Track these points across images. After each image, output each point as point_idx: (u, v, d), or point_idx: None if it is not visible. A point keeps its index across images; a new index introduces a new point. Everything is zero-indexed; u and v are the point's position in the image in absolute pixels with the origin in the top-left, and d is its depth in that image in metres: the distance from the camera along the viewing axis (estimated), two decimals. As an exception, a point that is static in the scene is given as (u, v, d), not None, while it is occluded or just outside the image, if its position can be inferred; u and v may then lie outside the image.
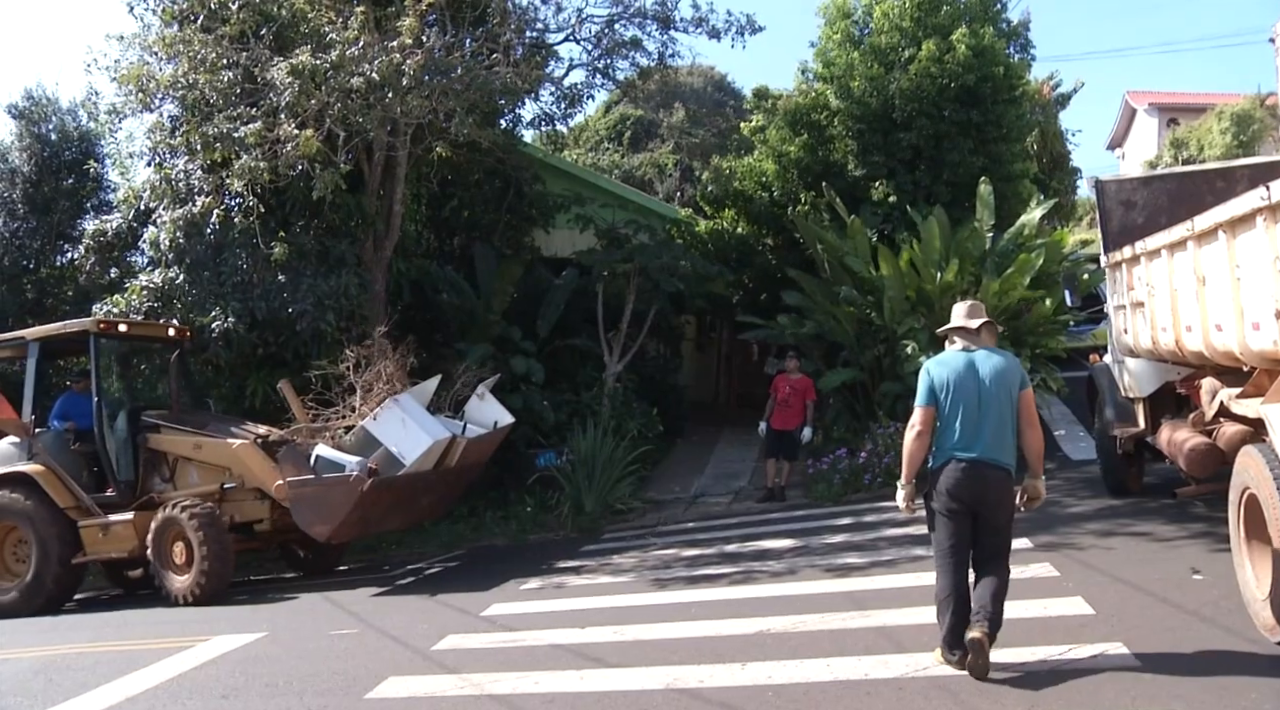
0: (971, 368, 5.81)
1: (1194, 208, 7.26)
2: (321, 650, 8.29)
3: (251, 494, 11.50)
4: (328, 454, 10.91)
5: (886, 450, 13.51)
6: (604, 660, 7.07)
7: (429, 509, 12.19)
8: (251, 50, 12.91)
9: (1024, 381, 5.90)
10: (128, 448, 12.01)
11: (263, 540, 12.16)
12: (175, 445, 11.93)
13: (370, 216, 14.71)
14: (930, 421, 5.84)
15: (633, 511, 14.29)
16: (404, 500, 11.33)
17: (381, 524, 11.79)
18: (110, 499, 11.81)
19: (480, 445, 11.92)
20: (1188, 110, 38.76)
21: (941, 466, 5.82)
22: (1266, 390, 6.31)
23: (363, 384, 11.48)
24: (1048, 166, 25.26)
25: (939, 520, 5.88)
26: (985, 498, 5.76)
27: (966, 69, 16.37)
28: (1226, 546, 6.76)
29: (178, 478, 11.96)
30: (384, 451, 10.99)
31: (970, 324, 5.95)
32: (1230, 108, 32.09)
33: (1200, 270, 6.97)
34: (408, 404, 11.22)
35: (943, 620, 5.82)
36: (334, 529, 10.77)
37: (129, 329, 12.53)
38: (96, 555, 11.66)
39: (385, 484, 10.72)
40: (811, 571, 9.33)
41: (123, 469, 11.95)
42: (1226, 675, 5.48)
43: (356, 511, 10.59)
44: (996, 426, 5.74)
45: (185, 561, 10.92)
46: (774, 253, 19.29)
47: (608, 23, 16.42)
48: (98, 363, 12.03)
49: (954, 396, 5.77)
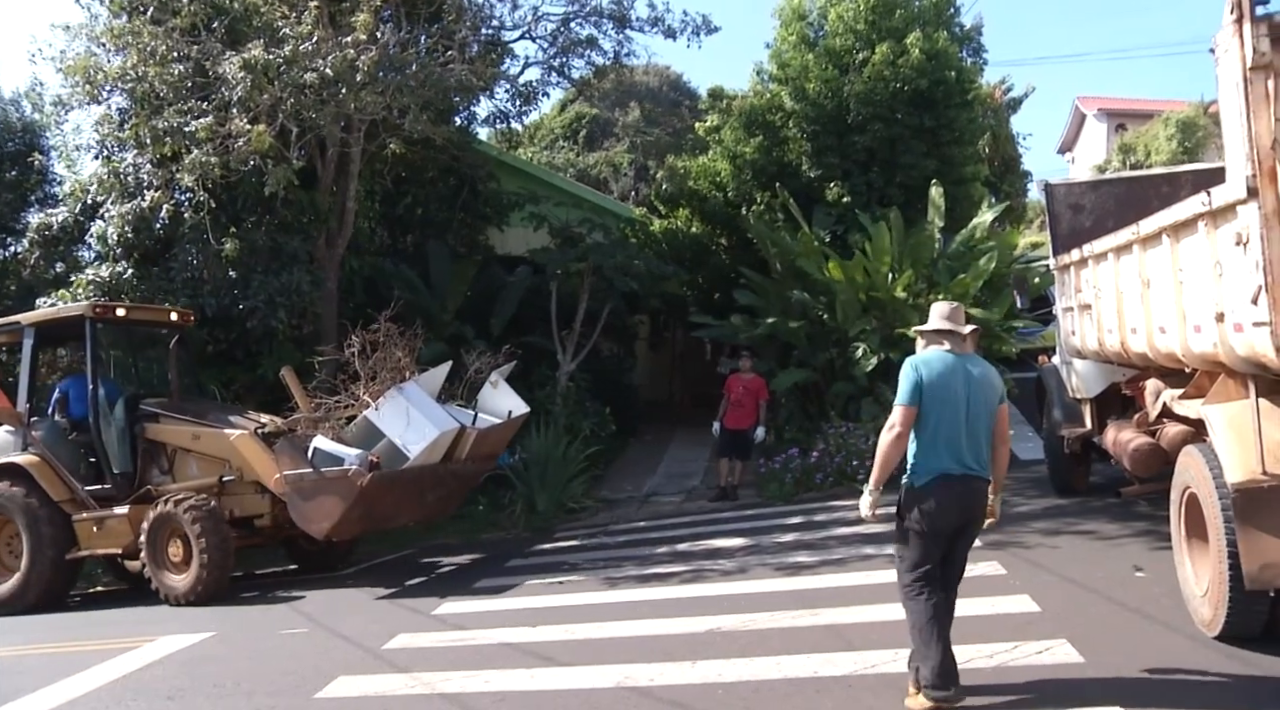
0: (960, 374, 5.36)
1: (1140, 212, 7.37)
2: (271, 650, 8.22)
3: (251, 488, 10.91)
4: (326, 446, 10.23)
5: (838, 450, 13.62)
6: (555, 659, 7.07)
7: (438, 505, 11.40)
8: (203, 44, 12.76)
9: (1003, 395, 5.54)
10: (125, 438, 11.49)
11: (264, 536, 11.50)
12: (174, 435, 11.37)
13: (323, 213, 14.60)
14: (911, 422, 5.30)
15: (585, 511, 14.29)
16: (409, 496, 10.62)
17: (387, 521, 11.15)
18: (107, 492, 11.29)
19: (493, 436, 11.18)
20: (1136, 116, 39.45)
21: (927, 485, 5.28)
22: (1207, 392, 6.43)
23: (367, 371, 10.78)
24: (999, 170, 25.59)
25: (916, 540, 5.33)
26: (972, 512, 5.37)
27: (920, 73, 16.54)
28: (1168, 544, 6.89)
29: (177, 470, 11.40)
30: (387, 443, 10.33)
31: (960, 328, 5.56)
32: (1176, 115, 32.71)
33: (1145, 273, 7.09)
34: (413, 393, 10.53)
35: (927, 654, 5.17)
36: (333, 526, 10.16)
37: (127, 313, 11.83)
38: (91, 551, 11.18)
39: (388, 479, 10.09)
40: (762, 570, 9.38)
41: (119, 460, 11.42)
42: (1166, 670, 5.62)
43: (356, 508, 9.99)
44: (983, 438, 5.35)
45: (183, 559, 10.41)
46: (728, 253, 19.37)
47: (564, 21, 16.43)
48: (94, 349, 11.41)
49: (939, 401, 5.28)
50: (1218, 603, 5.78)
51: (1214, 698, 5.20)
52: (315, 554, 11.98)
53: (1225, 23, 4.97)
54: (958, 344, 5.51)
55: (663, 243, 20.03)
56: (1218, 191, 5.39)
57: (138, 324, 12.64)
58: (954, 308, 5.63)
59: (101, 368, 11.73)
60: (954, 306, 5.62)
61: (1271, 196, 4.84)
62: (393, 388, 10.50)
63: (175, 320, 12.29)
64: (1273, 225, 4.85)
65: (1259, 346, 5.12)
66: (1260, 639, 5.76)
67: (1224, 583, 5.64)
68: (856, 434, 13.74)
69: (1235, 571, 5.48)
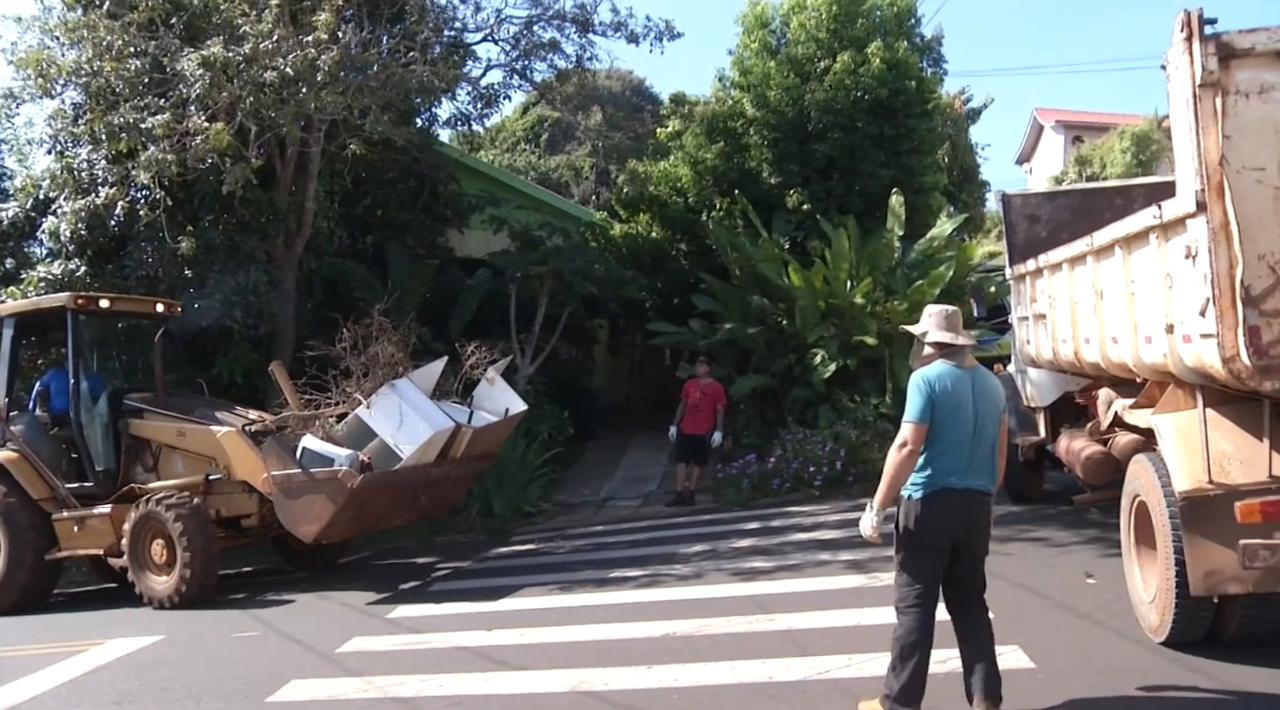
0: (969, 387, 5.16)
1: (1094, 224, 7.47)
2: (222, 653, 8.14)
3: (239, 486, 10.54)
4: (315, 446, 9.83)
5: (795, 456, 13.70)
6: (509, 663, 7.06)
7: (432, 506, 11.03)
8: (160, 39, 12.61)
9: (1004, 406, 5.39)
10: (108, 434, 11.13)
11: (252, 536, 11.18)
12: (158, 432, 11.00)
13: (282, 213, 14.47)
14: (922, 440, 5.06)
15: (542, 514, 14.26)
16: (402, 497, 10.26)
17: (379, 523, 10.82)
18: (89, 490, 10.92)
19: (489, 434, 10.79)
20: (1092, 129, 39.93)
21: (930, 497, 5.10)
22: (1157, 401, 6.54)
23: (359, 367, 10.44)
24: (958, 179, 25.87)
25: (918, 556, 5.16)
26: (977, 526, 5.19)
27: (880, 82, 16.69)
28: (1119, 551, 6.99)
29: (162, 467, 11.01)
30: (379, 443, 9.94)
31: (961, 340, 5.30)
32: (1131, 128, 33.18)
33: (1098, 284, 7.20)
34: (406, 390, 10.15)
35: (901, 668, 5.09)
36: (322, 529, 9.75)
37: (111, 304, 11.36)
38: (72, 551, 10.82)
39: (380, 480, 9.71)
40: (718, 575, 9.41)
41: (102, 457, 11.05)
42: (1115, 675, 5.72)
43: (347, 511, 9.62)
44: (989, 451, 5.20)
45: (166, 561, 10.07)
46: (688, 258, 19.44)
47: (526, 24, 16.39)
48: (75, 341, 10.95)
49: (950, 417, 5.08)
50: (1164, 608, 5.88)
51: (1159, 701, 5.29)
52: (307, 553, 11.58)
53: (1176, 41, 5.06)
54: (963, 356, 5.30)
55: (623, 247, 20.06)
56: (1168, 205, 5.49)
57: (122, 315, 12.31)
58: (954, 314, 5.39)
59: (84, 361, 11.35)
60: (954, 313, 5.39)
61: (1219, 211, 4.93)
62: (385, 385, 10.17)
63: (161, 312, 11.85)
64: (1220, 239, 4.94)
65: (1206, 358, 5.22)
66: (1204, 644, 5.88)
67: (1171, 589, 5.73)
68: (814, 440, 13.83)
69: (1181, 578, 5.57)
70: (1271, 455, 5.39)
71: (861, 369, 14.93)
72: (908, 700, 5.07)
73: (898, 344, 14.81)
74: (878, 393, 14.53)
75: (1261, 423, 5.45)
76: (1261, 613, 5.74)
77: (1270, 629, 5.83)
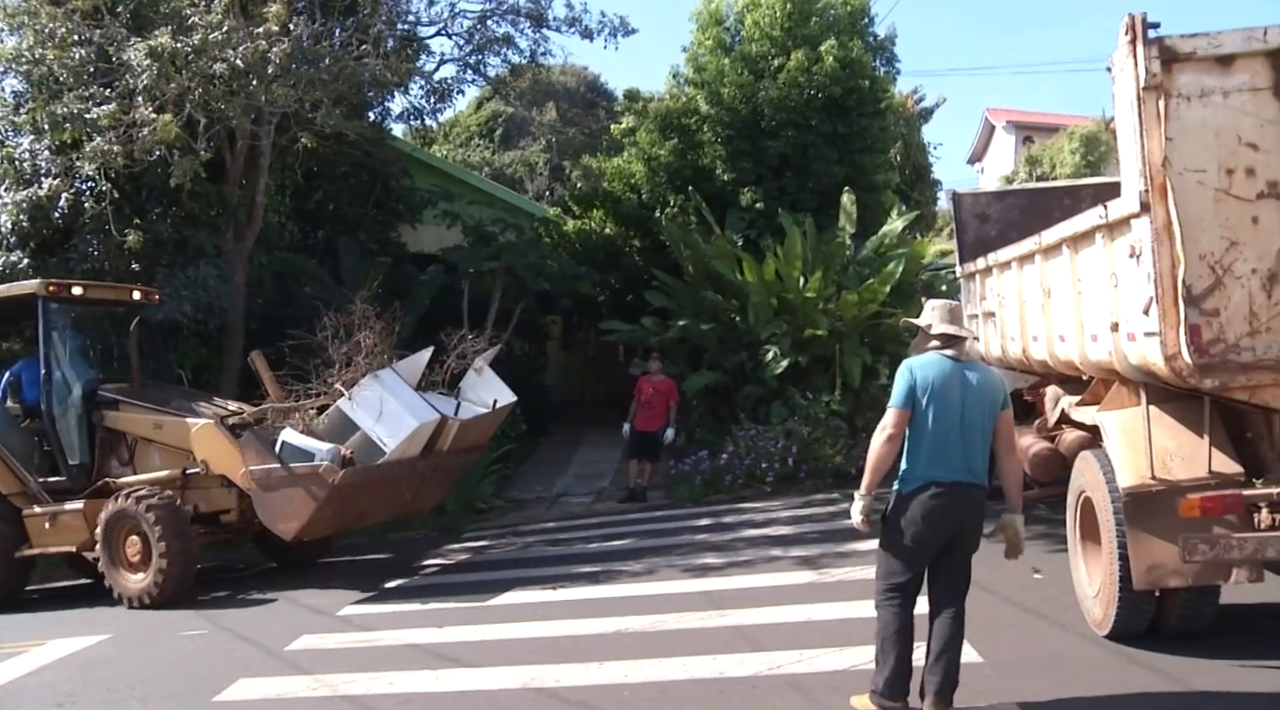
0: (959, 379, 5.08)
1: (1043, 223, 7.56)
2: (168, 652, 8.04)
3: (217, 481, 10.15)
4: (295, 440, 9.45)
5: (747, 453, 13.76)
6: (461, 660, 7.04)
7: (417, 501, 10.67)
8: (106, 28, 12.38)
9: (1005, 400, 5.26)
10: (82, 426, 10.68)
11: (232, 532, 10.74)
12: (135, 424, 10.55)
13: (231, 206, 14.28)
14: (904, 425, 5.05)
15: (494, 510, 14.22)
16: (386, 492, 9.91)
17: (361, 519, 10.48)
18: (62, 484, 10.52)
19: (477, 427, 10.47)
20: (1042, 129, 40.52)
21: (915, 492, 5.05)
22: (1103, 399, 6.65)
23: (342, 357, 9.98)
24: (910, 178, 26.10)
25: (900, 550, 5.12)
26: (965, 522, 5.11)
27: (834, 80, 16.80)
28: (1065, 547, 7.10)
29: (138, 461, 10.57)
30: (362, 436, 9.55)
31: (963, 332, 5.29)
32: (1080, 129, 33.72)
33: (1046, 283, 7.30)
34: (390, 381, 9.76)
35: (884, 662, 5.08)
36: (302, 526, 9.38)
37: (85, 291, 10.89)
38: (43, 548, 10.42)
39: (362, 475, 9.32)
40: (670, 571, 9.43)
41: (76, 450, 10.64)
42: (1061, 668, 5.82)
43: (328, 507, 9.23)
44: (980, 446, 5.10)
45: (141, 559, 9.69)
46: (641, 255, 19.43)
47: (480, 18, 16.30)
48: (47, 330, 10.51)
49: (934, 406, 5.02)
50: (1108, 602, 5.99)
51: (1102, 692, 5.38)
52: (289, 548, 11.10)
53: (1120, 44, 5.15)
54: (959, 349, 5.23)
55: (576, 243, 20.02)
56: (1113, 205, 5.58)
57: (96, 303, 11.76)
58: (953, 309, 5.36)
59: (56, 350, 10.82)
60: (952, 307, 5.36)
61: (1162, 211, 5.02)
62: (368, 375, 9.77)
63: (137, 300, 11.40)
64: (1163, 239, 5.04)
65: (1150, 356, 5.31)
66: (1145, 636, 5.99)
67: (1114, 583, 5.84)
68: (766, 437, 13.90)
69: (1125, 572, 5.68)
70: (1211, 452, 5.50)
71: (813, 366, 15.02)
72: (893, 694, 5.07)
73: (848, 340, 14.93)
74: (829, 389, 14.62)
75: (1202, 420, 5.56)
76: (1200, 606, 5.87)
77: (1207, 621, 5.96)
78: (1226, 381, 5.09)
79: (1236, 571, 5.39)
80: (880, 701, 5.11)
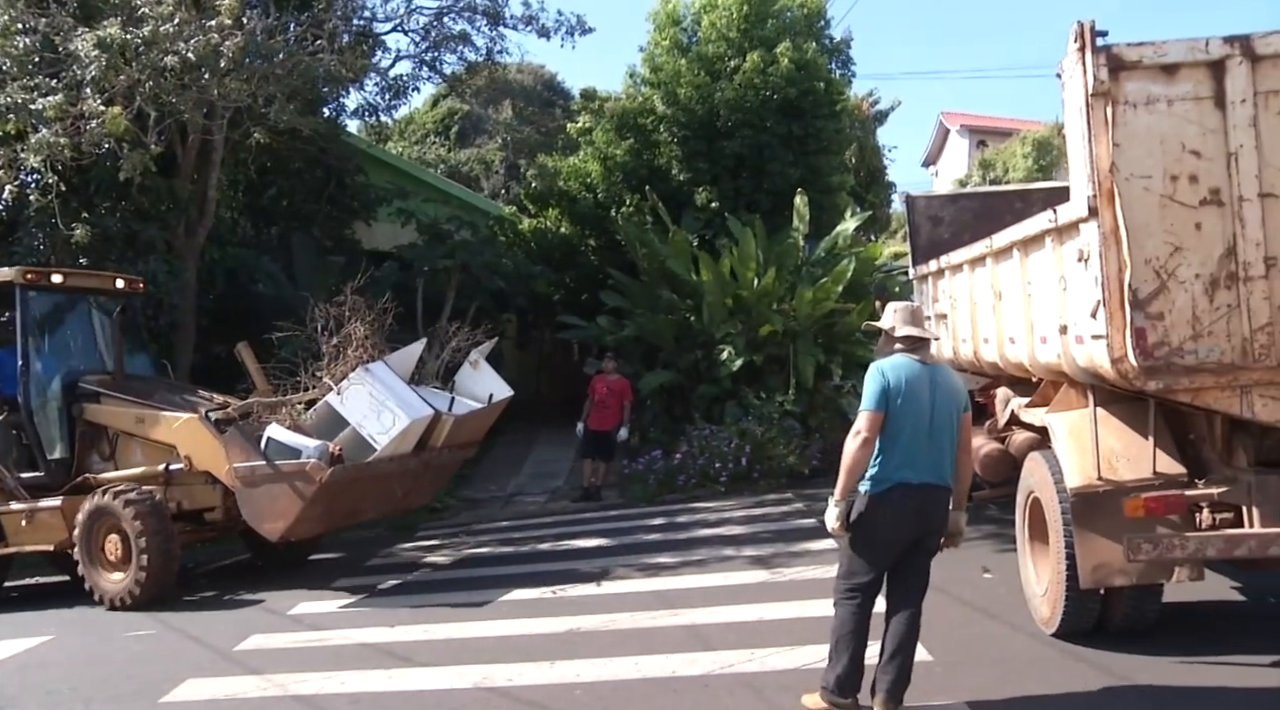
0: (927, 381, 5.09)
1: (995, 226, 7.64)
2: (113, 653, 7.91)
3: (201, 477, 9.80)
4: (281, 436, 9.08)
5: (701, 452, 13.81)
6: (413, 659, 7.00)
7: (409, 499, 10.35)
8: (52, 17, 12.15)
9: (967, 403, 5.32)
10: (62, 420, 10.26)
11: (217, 529, 10.37)
12: (116, 418, 10.15)
13: (183, 201, 14.10)
14: (878, 428, 5.00)
15: (448, 510, 14.16)
16: (376, 490, 9.58)
17: (350, 518, 10.10)
18: (40, 480, 10.15)
19: (472, 422, 10.14)
20: (996, 133, 41.00)
21: (885, 494, 5.02)
22: (1052, 400, 6.74)
23: (330, 350, 9.57)
24: (865, 180, 26.31)
25: (864, 551, 5.12)
26: (931, 523, 5.15)
27: (789, 82, 16.90)
28: (1014, 547, 7.19)
29: (120, 456, 10.18)
30: (351, 432, 9.16)
31: (927, 334, 5.33)
32: (1032, 134, 34.21)
33: (997, 286, 7.38)
34: (381, 374, 9.30)
35: (837, 660, 5.11)
36: (288, 526, 9.04)
37: (65, 279, 10.50)
38: (19, 547, 10.08)
39: (351, 473, 8.94)
40: (623, 571, 9.44)
41: (54, 445, 10.24)
42: (1009, 666, 5.90)
43: (315, 506, 8.89)
44: (948, 448, 5.13)
45: (121, 558, 9.37)
46: (596, 254, 19.44)
47: (437, 15, 16.22)
48: (25, 320, 10.09)
49: (904, 408, 5.01)
50: (1055, 601, 6.08)
51: (1050, 690, 5.46)
52: (277, 546, 10.68)
53: (1069, 51, 5.23)
54: (925, 351, 5.25)
55: (531, 242, 20.00)
56: (1063, 210, 5.66)
57: (77, 292, 11.06)
58: (919, 310, 5.40)
59: (34, 340, 10.36)
60: (914, 309, 5.35)
61: (1110, 216, 5.10)
62: (359, 369, 9.33)
63: (121, 288, 11.01)
64: (1110, 243, 5.11)
65: (1097, 358, 5.39)
66: (1092, 635, 6.08)
67: (1061, 582, 5.93)
68: (720, 437, 13.96)
69: (1072, 572, 5.77)
70: (1156, 453, 5.60)
71: (768, 365, 15.10)
72: (843, 690, 5.08)
73: (802, 339, 15.02)
74: (783, 389, 14.71)
75: (1147, 422, 5.65)
76: (1143, 604, 5.98)
77: (1151, 619, 6.07)
78: (1170, 384, 5.18)
79: (1179, 570, 5.50)
80: (831, 698, 5.13)
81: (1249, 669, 5.61)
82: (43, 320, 10.61)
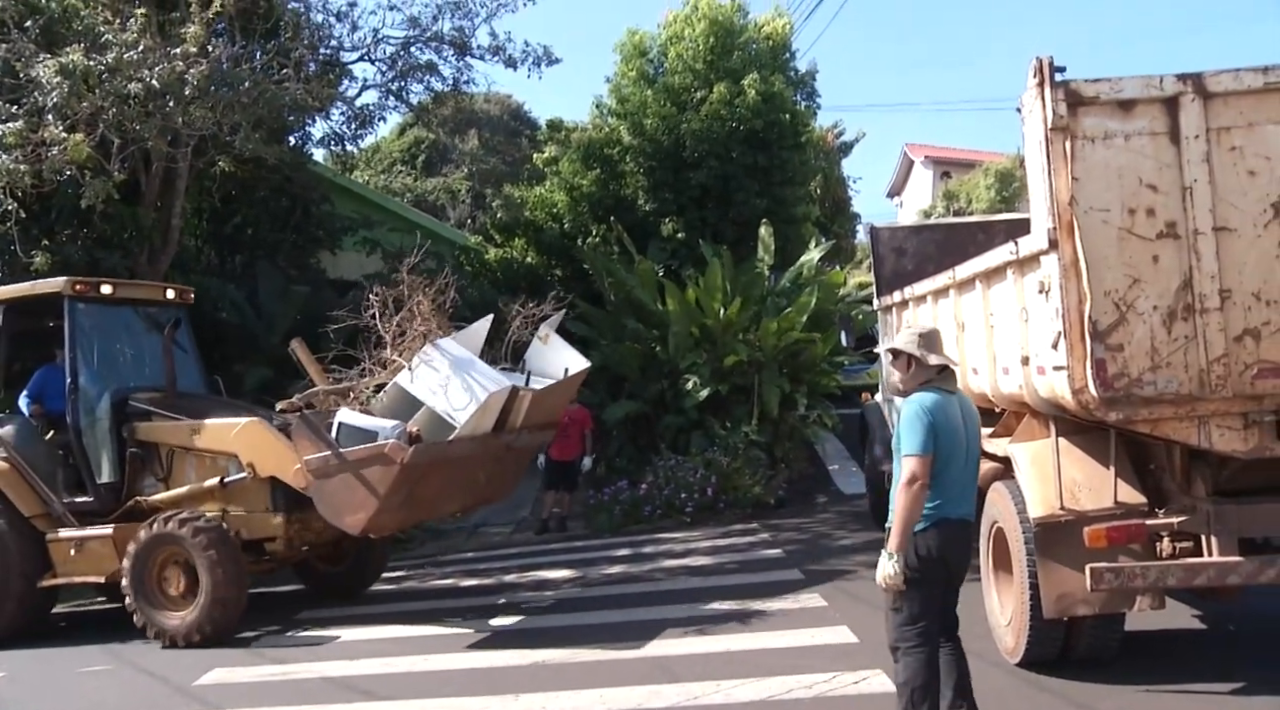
0: (959, 413, 4.92)
1: (958, 257, 7.70)
2: (65, 690, 7.78)
3: (263, 500, 9.13)
4: (353, 421, 8.41)
5: (667, 483, 13.79)
6: (375, 693, 6.93)
7: (491, 487, 9.61)
8: (13, 43, 12.05)
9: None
10: (112, 440, 9.61)
11: (276, 561, 9.74)
12: (169, 434, 9.51)
13: (146, 229, 13.98)
14: (930, 472, 4.72)
15: (412, 541, 14.02)
16: (460, 475, 8.86)
17: (433, 508, 9.49)
18: (89, 506, 9.53)
19: (550, 399, 9.27)
20: (959, 164, 41.45)
21: (935, 528, 4.80)
22: (1014, 431, 6.80)
23: (392, 331, 8.92)
24: (830, 211, 26.51)
25: (923, 591, 4.83)
26: (967, 556, 5.04)
27: (755, 113, 17.03)
28: (978, 577, 7.21)
29: (174, 476, 9.53)
30: (426, 412, 8.48)
31: (953, 362, 5.14)
32: (995, 166, 34.62)
33: (960, 316, 7.44)
34: (452, 349, 8.65)
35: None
36: (371, 518, 8.27)
37: (114, 291, 10.04)
38: (68, 577, 9.42)
39: (433, 452, 8.22)
40: (589, 603, 9.40)
41: (104, 467, 9.61)
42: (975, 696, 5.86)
43: (397, 492, 8.18)
44: (976, 479, 5.06)
45: (183, 591, 8.74)
46: (562, 284, 19.40)
47: (404, 45, 16.21)
48: (73, 333, 9.56)
49: (949, 446, 4.81)
50: (1019, 631, 6.10)
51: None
52: (334, 576, 10.53)
53: (1029, 86, 5.31)
54: (952, 381, 5.06)
55: (498, 271, 19.95)
56: (1024, 241, 5.73)
57: (126, 304, 10.52)
58: (935, 333, 5.15)
59: (83, 355, 9.78)
60: (935, 331, 5.16)
61: (1069, 248, 5.17)
62: (428, 344, 8.66)
63: (172, 299, 10.57)
64: (1070, 275, 5.18)
65: (1058, 389, 5.44)
66: (1055, 664, 6.11)
67: (1025, 612, 5.95)
68: (685, 467, 13.95)
69: (1035, 602, 5.80)
70: (1117, 482, 5.66)
71: (733, 395, 15.12)
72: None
73: (767, 369, 15.07)
74: (749, 420, 14.73)
75: (1108, 452, 5.71)
76: (1106, 633, 6.02)
77: (1113, 649, 6.11)
78: (1130, 415, 5.23)
79: (1140, 599, 5.55)
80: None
81: (1210, 696, 5.65)
82: (90, 334, 10.07)
